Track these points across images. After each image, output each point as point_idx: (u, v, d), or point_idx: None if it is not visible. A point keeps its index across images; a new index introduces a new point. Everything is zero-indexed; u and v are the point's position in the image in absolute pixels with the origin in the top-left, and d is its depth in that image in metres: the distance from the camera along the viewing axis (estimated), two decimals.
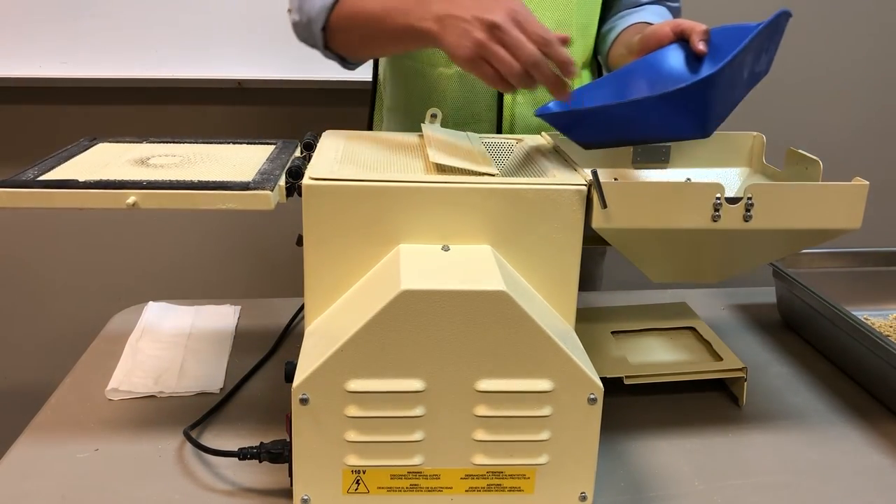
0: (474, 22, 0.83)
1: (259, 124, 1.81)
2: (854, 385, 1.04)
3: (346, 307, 0.78)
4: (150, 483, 0.81)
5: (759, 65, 0.87)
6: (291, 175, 0.79)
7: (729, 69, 0.78)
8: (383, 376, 0.72)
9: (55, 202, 0.77)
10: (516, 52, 0.81)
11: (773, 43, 0.88)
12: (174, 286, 1.91)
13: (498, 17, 0.81)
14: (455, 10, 0.85)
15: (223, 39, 1.68)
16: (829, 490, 0.83)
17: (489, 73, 0.83)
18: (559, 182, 0.79)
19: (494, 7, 0.82)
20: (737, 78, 0.82)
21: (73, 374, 1.02)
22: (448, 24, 0.85)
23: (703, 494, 0.82)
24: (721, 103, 0.82)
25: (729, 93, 0.82)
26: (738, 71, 0.81)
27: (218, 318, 1.17)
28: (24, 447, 0.86)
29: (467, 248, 0.79)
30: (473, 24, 0.83)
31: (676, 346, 1.06)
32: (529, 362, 0.73)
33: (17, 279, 1.87)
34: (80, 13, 1.64)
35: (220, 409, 0.94)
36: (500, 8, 0.82)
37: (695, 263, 0.89)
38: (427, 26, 0.87)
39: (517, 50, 0.81)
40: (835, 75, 1.93)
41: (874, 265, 1.24)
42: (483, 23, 0.82)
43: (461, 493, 0.76)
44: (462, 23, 0.84)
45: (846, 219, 0.83)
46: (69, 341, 1.88)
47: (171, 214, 1.86)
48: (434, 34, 0.87)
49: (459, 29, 0.84)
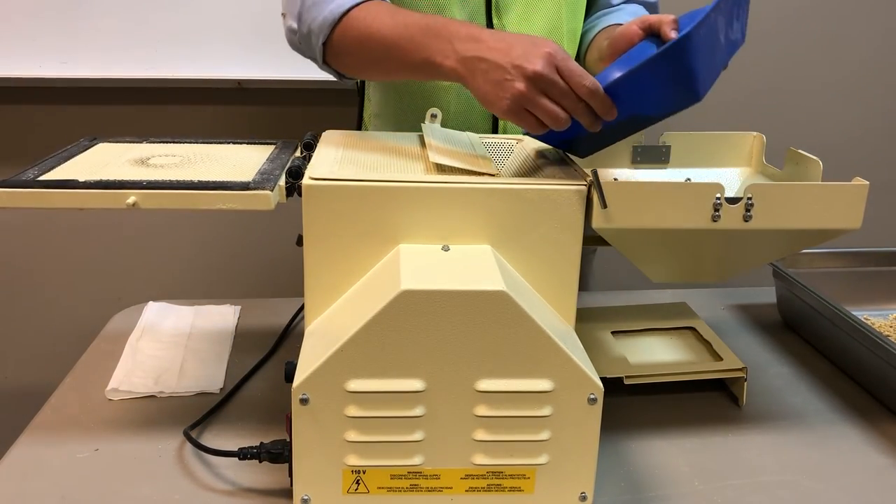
0: (513, 71, 0.78)
1: (259, 124, 1.81)
2: (854, 385, 1.04)
3: (346, 307, 0.78)
4: (150, 483, 0.81)
5: (734, 32, 0.86)
6: (291, 175, 0.79)
7: (704, 29, 0.77)
8: (383, 376, 0.72)
9: (55, 202, 0.77)
10: (562, 102, 0.78)
11: (742, 10, 0.87)
12: (174, 286, 1.91)
13: (540, 66, 0.77)
14: (487, 53, 0.80)
15: (223, 39, 1.68)
16: (829, 490, 0.83)
17: (531, 122, 0.80)
18: (559, 182, 0.79)
19: (533, 53, 0.77)
20: (714, 41, 0.81)
21: (73, 374, 1.02)
22: (478, 69, 0.81)
23: (703, 494, 0.82)
24: (705, 66, 0.80)
25: (709, 56, 0.80)
26: (713, 33, 0.80)
27: (218, 318, 1.17)
28: (24, 447, 0.86)
29: (467, 248, 0.79)
30: (512, 73, 0.78)
31: (676, 346, 1.06)
32: (529, 362, 0.73)
33: (18, 279, 1.86)
34: (80, 13, 1.64)
35: (220, 409, 0.94)
36: (539, 55, 0.77)
37: (695, 263, 0.89)
38: (451, 65, 0.83)
39: (564, 100, 0.78)
40: (835, 75, 1.93)
41: (874, 265, 1.24)
42: (523, 73, 0.77)
43: (461, 493, 0.76)
44: (498, 71, 0.79)
45: (846, 219, 0.83)
46: (69, 341, 1.88)
47: (171, 214, 1.86)
48: (460, 76, 0.83)
49: (496, 78, 0.79)
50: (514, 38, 0.81)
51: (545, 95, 0.78)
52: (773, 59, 1.90)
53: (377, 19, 0.91)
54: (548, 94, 0.78)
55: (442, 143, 0.90)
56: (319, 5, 0.96)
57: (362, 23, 0.93)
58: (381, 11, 0.92)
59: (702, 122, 1.89)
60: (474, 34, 0.82)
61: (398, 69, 0.92)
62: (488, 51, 0.80)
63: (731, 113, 1.91)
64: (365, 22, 0.93)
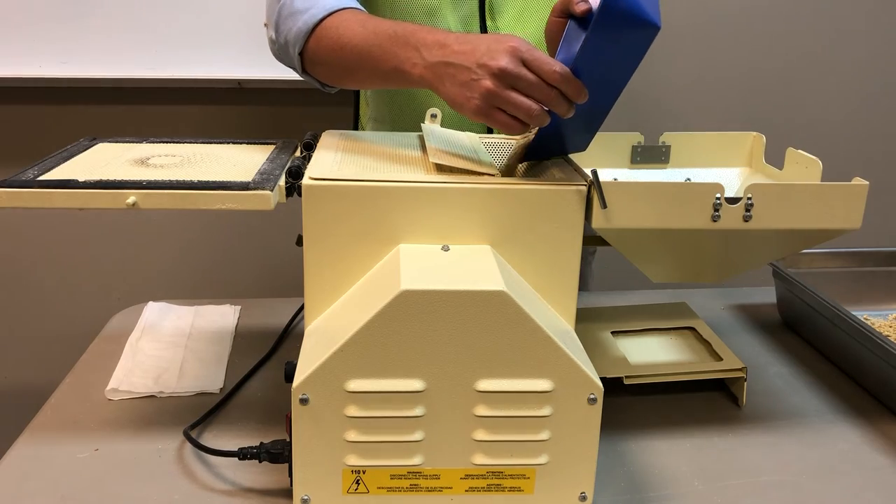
0: (479, 70, 0.77)
1: (259, 124, 1.81)
2: (854, 385, 1.04)
3: (346, 307, 0.78)
4: (150, 483, 0.81)
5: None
6: (291, 175, 0.79)
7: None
8: (383, 376, 0.72)
9: (55, 202, 0.77)
10: (533, 93, 0.77)
11: None
12: (174, 286, 1.91)
13: (504, 62, 0.76)
14: (453, 57, 0.79)
15: (223, 39, 1.68)
16: (829, 490, 0.83)
17: (504, 120, 0.78)
18: (559, 182, 0.79)
19: (497, 50, 0.77)
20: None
21: (73, 374, 1.02)
22: (446, 73, 0.80)
23: (703, 494, 0.82)
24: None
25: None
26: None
27: (218, 318, 1.17)
28: (24, 447, 0.86)
29: (467, 248, 0.79)
30: (479, 72, 0.77)
31: (676, 346, 1.06)
32: (529, 362, 0.73)
33: (17, 279, 1.86)
34: (80, 13, 1.64)
35: (220, 409, 0.94)
36: (503, 50, 0.76)
37: (695, 263, 0.89)
38: (419, 73, 0.82)
39: (533, 91, 0.77)
40: (835, 75, 1.93)
41: (874, 265, 1.24)
42: (489, 70, 0.76)
43: (461, 493, 0.76)
44: (464, 73, 0.78)
45: (846, 219, 0.83)
46: (69, 341, 1.88)
47: (171, 214, 1.86)
48: (429, 83, 0.82)
49: (462, 79, 0.78)
50: (479, 38, 0.80)
51: (514, 90, 0.77)
52: (773, 59, 1.90)
53: (349, 29, 0.91)
54: (517, 88, 0.77)
55: (442, 144, 0.90)
56: (294, 16, 0.97)
57: (334, 32, 0.93)
58: (353, 20, 0.92)
59: (702, 122, 1.89)
60: (440, 40, 0.82)
61: (371, 78, 0.92)
62: (454, 55, 0.80)
63: (731, 113, 1.91)
64: (337, 32, 0.92)
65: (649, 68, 1.82)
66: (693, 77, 1.88)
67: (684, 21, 1.83)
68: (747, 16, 1.85)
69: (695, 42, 1.86)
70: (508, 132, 0.80)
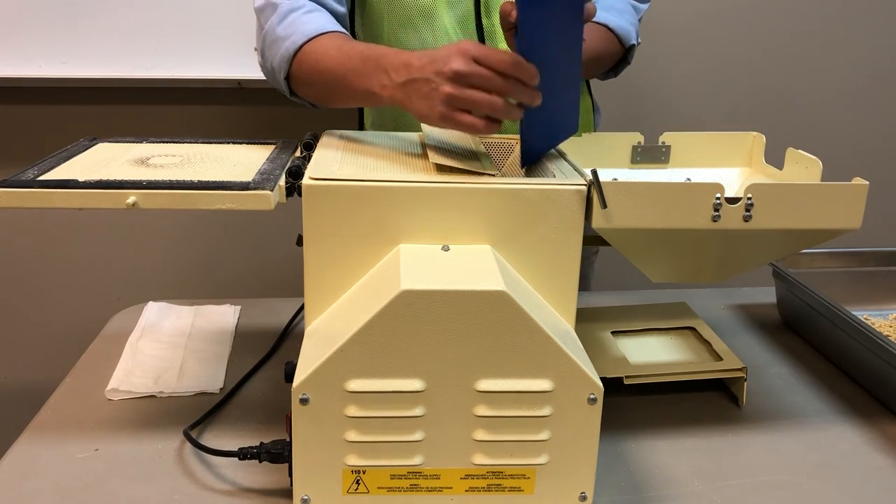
0: (436, 78, 0.80)
1: (259, 124, 1.81)
2: (854, 385, 1.04)
3: (346, 307, 0.78)
4: (150, 483, 0.81)
5: None
6: (291, 175, 0.79)
7: None
8: (383, 376, 0.72)
9: (55, 202, 0.77)
10: (491, 87, 0.79)
11: None
12: (174, 286, 1.91)
13: (456, 64, 0.79)
14: (415, 73, 0.83)
15: (223, 39, 1.68)
16: (829, 490, 0.83)
17: (471, 121, 0.81)
18: (559, 182, 0.79)
19: (448, 55, 0.80)
20: None
21: (73, 374, 1.02)
22: (412, 90, 0.83)
23: (703, 494, 0.82)
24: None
25: None
26: None
27: (218, 318, 1.17)
28: (24, 447, 0.86)
29: (467, 248, 0.79)
30: (436, 80, 0.80)
31: (676, 346, 1.06)
32: (529, 362, 0.73)
33: (17, 279, 1.86)
34: (80, 13, 1.64)
35: (220, 409, 0.94)
36: (453, 54, 0.80)
37: (695, 263, 0.89)
38: (389, 95, 0.86)
39: (491, 84, 0.79)
40: (835, 75, 1.93)
41: (874, 265, 1.24)
42: (444, 75, 0.80)
43: (461, 493, 0.76)
44: (425, 84, 0.81)
45: (846, 219, 0.83)
46: (69, 341, 1.88)
47: (171, 214, 1.86)
48: (398, 101, 0.85)
49: (424, 91, 0.82)
50: (436, 50, 0.83)
51: (473, 88, 0.80)
52: (774, 59, 1.90)
53: (326, 54, 0.96)
54: (475, 86, 0.80)
55: (442, 144, 0.90)
56: (277, 43, 1.01)
57: (312, 57, 0.97)
58: (329, 45, 0.97)
59: (702, 122, 1.90)
60: (405, 60, 0.85)
61: (350, 99, 0.96)
62: (416, 70, 0.83)
63: (731, 113, 1.91)
64: (315, 57, 0.97)
65: (649, 68, 1.83)
66: (693, 77, 1.88)
67: (684, 21, 1.83)
68: (748, 16, 1.85)
69: (695, 42, 1.86)
70: (480, 132, 0.82)
